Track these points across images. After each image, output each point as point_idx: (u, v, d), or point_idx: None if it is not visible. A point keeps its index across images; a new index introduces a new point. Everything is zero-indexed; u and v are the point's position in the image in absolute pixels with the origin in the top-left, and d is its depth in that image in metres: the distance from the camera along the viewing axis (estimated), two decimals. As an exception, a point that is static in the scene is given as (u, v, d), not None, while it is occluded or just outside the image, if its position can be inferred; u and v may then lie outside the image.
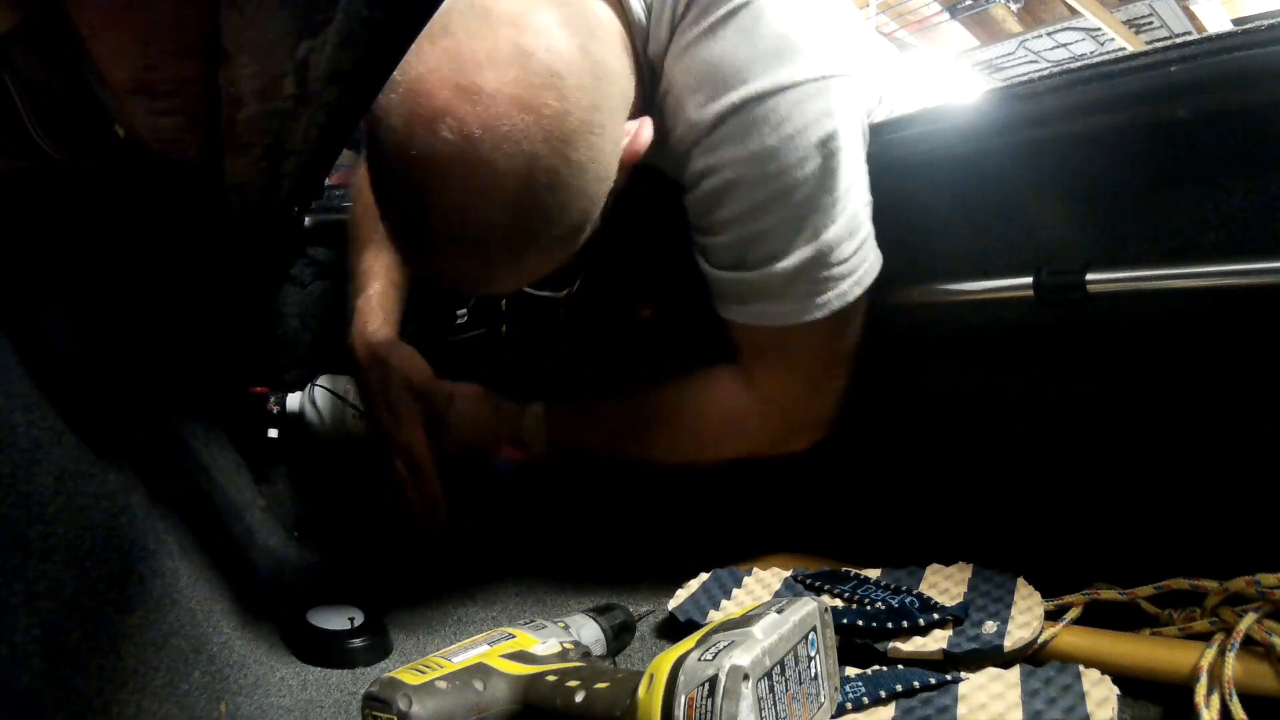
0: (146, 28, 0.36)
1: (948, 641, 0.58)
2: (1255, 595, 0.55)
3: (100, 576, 0.52)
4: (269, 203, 0.76)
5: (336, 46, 0.40)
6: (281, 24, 0.36)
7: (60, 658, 0.44)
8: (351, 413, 0.94)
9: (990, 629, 0.57)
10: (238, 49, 0.37)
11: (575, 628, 0.62)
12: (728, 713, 0.40)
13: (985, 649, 0.56)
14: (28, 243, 0.69)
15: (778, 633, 0.45)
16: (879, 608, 0.61)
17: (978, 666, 0.56)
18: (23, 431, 0.51)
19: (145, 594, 0.56)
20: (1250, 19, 0.61)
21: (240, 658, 0.63)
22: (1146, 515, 0.65)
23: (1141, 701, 0.55)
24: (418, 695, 0.49)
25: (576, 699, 0.48)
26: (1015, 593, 0.61)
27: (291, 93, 0.44)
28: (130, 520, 0.60)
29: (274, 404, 0.95)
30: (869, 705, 0.56)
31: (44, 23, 0.38)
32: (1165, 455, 0.65)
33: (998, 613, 0.59)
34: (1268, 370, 0.59)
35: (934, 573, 0.66)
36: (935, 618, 0.59)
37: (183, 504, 0.72)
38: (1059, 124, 0.57)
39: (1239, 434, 0.61)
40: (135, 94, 0.44)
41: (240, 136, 0.51)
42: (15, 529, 0.46)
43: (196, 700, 0.55)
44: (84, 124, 0.54)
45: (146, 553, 0.59)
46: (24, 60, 0.44)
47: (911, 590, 0.64)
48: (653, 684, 0.44)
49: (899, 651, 0.59)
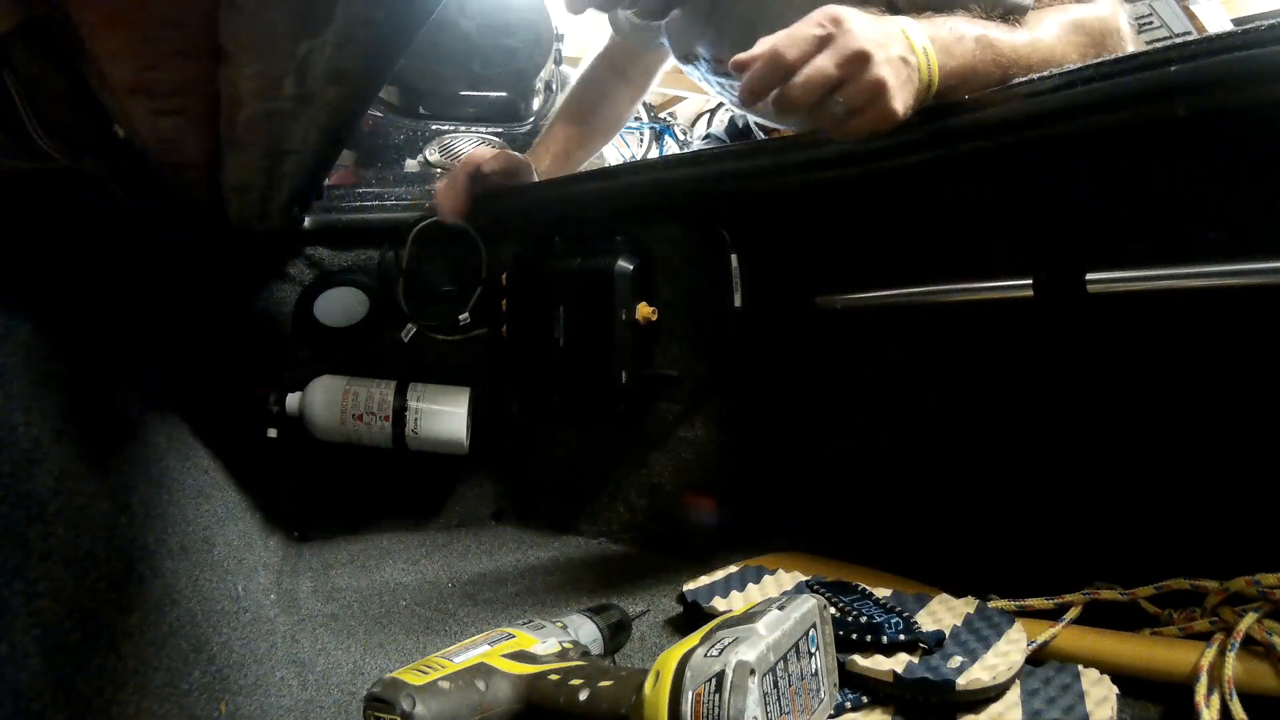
0: (146, 28, 0.36)
1: (904, 667, 0.55)
2: (1255, 595, 0.55)
3: (100, 576, 0.52)
4: (269, 203, 0.76)
5: (336, 46, 0.40)
6: (281, 24, 0.36)
7: (60, 658, 0.44)
8: (351, 412, 0.94)
9: (954, 664, 0.55)
10: (238, 49, 0.37)
11: (573, 627, 0.62)
12: (735, 707, 0.41)
13: (937, 681, 0.53)
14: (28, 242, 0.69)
15: (780, 629, 0.45)
16: (861, 620, 0.60)
17: (925, 699, 0.54)
18: (23, 431, 0.51)
19: (145, 594, 0.56)
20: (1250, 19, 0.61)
21: (240, 658, 0.63)
22: (1146, 515, 0.65)
23: (1141, 701, 0.55)
24: (421, 695, 0.49)
25: (580, 697, 0.48)
26: (1004, 636, 0.58)
27: (291, 93, 0.44)
28: (130, 520, 0.60)
29: (274, 404, 0.95)
30: (868, 705, 0.57)
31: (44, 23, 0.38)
32: (1165, 455, 0.65)
33: (972, 650, 0.56)
34: (1268, 370, 0.59)
35: (939, 602, 0.65)
36: (903, 640, 0.58)
37: (183, 504, 0.72)
38: (1059, 124, 0.57)
39: (1239, 434, 0.61)
40: (135, 94, 0.44)
41: (240, 136, 0.52)
42: (15, 529, 0.46)
43: (196, 700, 0.55)
44: (84, 124, 0.54)
45: (146, 553, 0.59)
46: (24, 60, 0.44)
47: (908, 613, 0.62)
48: (659, 680, 0.44)
49: (855, 665, 0.57)
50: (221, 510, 0.81)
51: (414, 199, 1.03)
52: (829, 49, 0.59)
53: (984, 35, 0.64)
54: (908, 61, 0.60)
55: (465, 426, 0.95)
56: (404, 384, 0.96)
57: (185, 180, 0.67)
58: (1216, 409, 0.62)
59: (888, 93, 0.58)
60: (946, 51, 0.62)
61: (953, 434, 0.79)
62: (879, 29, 0.60)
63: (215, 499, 0.81)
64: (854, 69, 0.58)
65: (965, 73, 0.63)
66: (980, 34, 0.64)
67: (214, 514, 0.78)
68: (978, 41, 0.64)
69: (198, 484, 0.78)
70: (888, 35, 0.60)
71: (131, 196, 0.76)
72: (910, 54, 0.60)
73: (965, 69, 0.63)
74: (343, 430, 0.95)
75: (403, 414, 0.94)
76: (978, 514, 0.76)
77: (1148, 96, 0.52)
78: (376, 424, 0.94)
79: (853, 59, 0.58)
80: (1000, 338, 0.73)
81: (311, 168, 0.70)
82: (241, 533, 0.84)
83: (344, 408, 0.94)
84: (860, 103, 0.59)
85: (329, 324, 1.01)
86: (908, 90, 0.60)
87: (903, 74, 0.59)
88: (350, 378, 0.97)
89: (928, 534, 0.78)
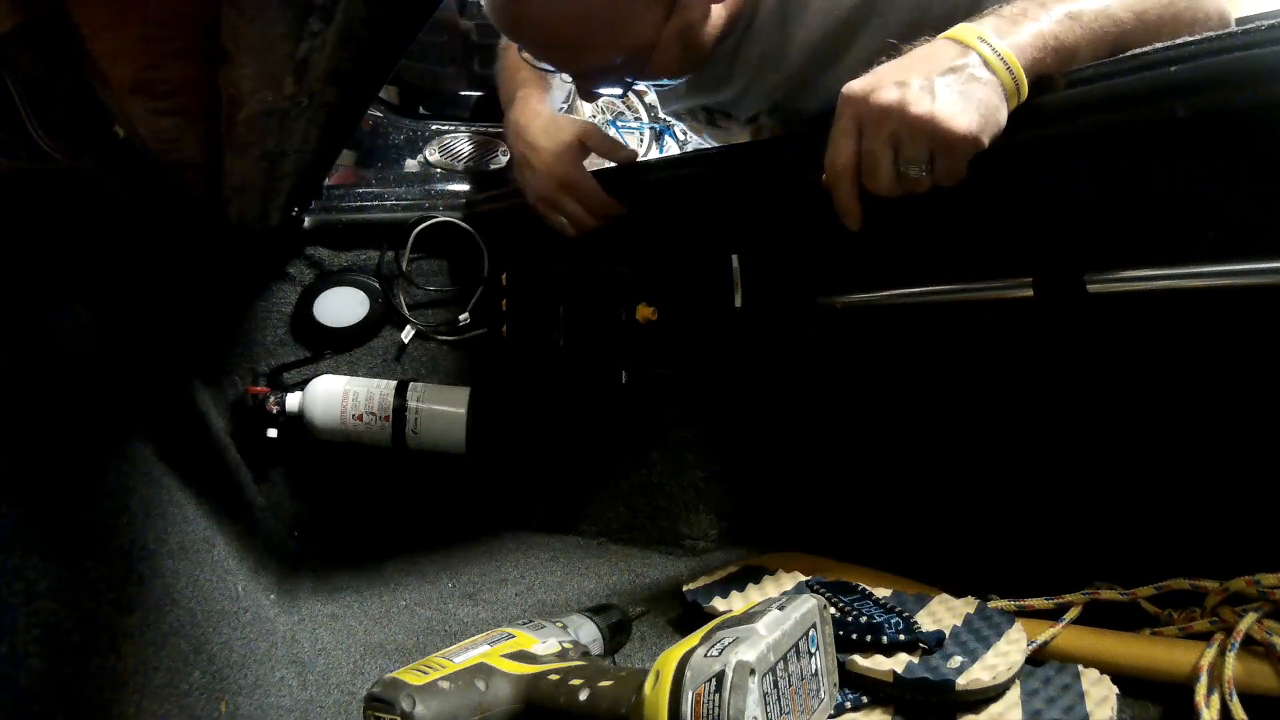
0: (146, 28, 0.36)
1: (904, 667, 0.55)
2: (1255, 595, 0.55)
3: (100, 576, 0.52)
4: (269, 203, 0.76)
5: (336, 46, 0.40)
6: (281, 24, 0.36)
7: (60, 658, 0.44)
8: (351, 413, 0.94)
9: (954, 664, 0.55)
10: (238, 49, 0.37)
11: (573, 627, 0.62)
12: (735, 707, 0.41)
13: (937, 681, 0.53)
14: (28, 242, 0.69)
15: (780, 629, 0.45)
16: (861, 620, 0.60)
17: (925, 699, 0.54)
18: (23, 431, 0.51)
19: (145, 594, 0.56)
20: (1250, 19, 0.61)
21: (240, 658, 0.63)
22: (1147, 515, 0.65)
23: (1141, 701, 0.55)
24: (421, 695, 0.49)
25: (580, 697, 0.48)
26: (1004, 636, 0.58)
27: (291, 93, 0.44)
28: (130, 520, 0.60)
29: (274, 404, 0.95)
30: (868, 705, 0.57)
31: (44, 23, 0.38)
32: (1166, 455, 0.65)
33: (972, 650, 0.56)
34: (1268, 370, 0.59)
35: (939, 602, 0.65)
36: (903, 640, 0.58)
37: (183, 504, 0.72)
38: (1059, 124, 0.57)
39: (1239, 434, 0.61)
40: (135, 94, 0.44)
41: (240, 136, 0.51)
42: (15, 529, 0.46)
43: (196, 700, 0.55)
44: (84, 124, 0.54)
45: (146, 553, 0.59)
46: (24, 60, 0.44)
47: (908, 613, 0.62)
48: (659, 680, 0.44)
49: (855, 665, 0.57)
50: (221, 510, 0.81)
51: (414, 199, 1.03)
52: (865, 130, 0.56)
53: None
54: (958, 69, 0.54)
55: (465, 426, 0.95)
56: (404, 384, 0.96)
57: (185, 180, 0.67)
58: (1216, 409, 0.62)
59: (939, 122, 0.52)
60: (1015, 25, 0.55)
61: (953, 434, 0.79)
62: (898, 70, 0.55)
63: (215, 499, 0.81)
64: (891, 128, 0.54)
65: (1051, 41, 0.55)
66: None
67: (214, 514, 0.78)
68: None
69: (198, 484, 0.78)
70: (907, 67, 0.55)
71: (131, 196, 0.76)
72: (962, 57, 0.54)
73: (1050, 38, 0.55)
74: (343, 430, 0.95)
75: (403, 414, 0.94)
76: (978, 514, 0.76)
77: (1148, 96, 0.52)
78: (376, 424, 0.94)
79: (879, 121, 0.54)
80: (1000, 338, 0.73)
81: (311, 168, 0.70)
82: (241, 533, 0.84)
83: (344, 408, 0.94)
84: (922, 153, 0.55)
85: (329, 324, 1.01)
86: (972, 99, 0.53)
87: (954, 87, 0.53)
88: (350, 378, 0.97)
89: (928, 534, 0.78)
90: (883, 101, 0.54)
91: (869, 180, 0.57)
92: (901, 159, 0.55)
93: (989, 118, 0.54)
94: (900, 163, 0.56)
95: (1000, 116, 0.55)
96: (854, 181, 0.58)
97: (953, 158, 0.54)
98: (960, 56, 0.54)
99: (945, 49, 0.55)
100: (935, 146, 0.54)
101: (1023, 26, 0.55)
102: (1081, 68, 0.56)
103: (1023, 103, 0.56)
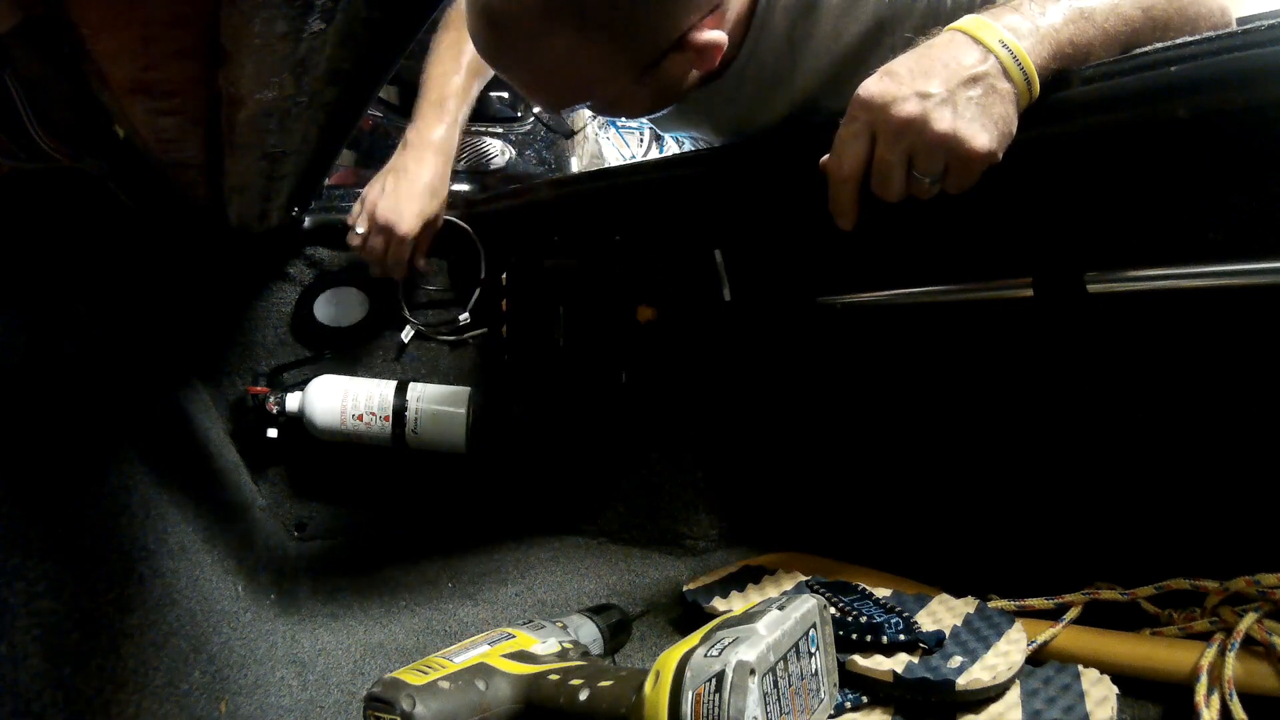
0: (146, 28, 0.36)
1: (904, 667, 0.55)
2: (1255, 595, 0.55)
3: (100, 576, 0.52)
4: (269, 203, 0.76)
5: (336, 46, 0.40)
6: (281, 24, 0.36)
7: (60, 658, 0.44)
8: (351, 412, 0.94)
9: (954, 664, 0.55)
10: (237, 49, 0.37)
11: (573, 627, 0.62)
12: (735, 707, 0.41)
13: (937, 681, 0.53)
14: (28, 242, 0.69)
15: (780, 629, 0.45)
16: (861, 620, 0.60)
17: (925, 699, 0.54)
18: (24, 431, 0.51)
19: (145, 594, 0.56)
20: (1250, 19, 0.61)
21: (240, 658, 0.63)
22: (1147, 515, 0.65)
23: (1141, 701, 0.55)
24: (421, 695, 0.49)
25: (580, 697, 0.48)
26: (1004, 636, 0.58)
27: (291, 93, 0.44)
28: (130, 520, 0.60)
29: (274, 404, 0.95)
30: (868, 705, 0.57)
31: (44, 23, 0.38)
32: (1166, 455, 0.65)
33: (972, 650, 0.56)
34: (1268, 370, 0.59)
35: (939, 602, 0.65)
36: (903, 640, 0.58)
37: (183, 504, 0.72)
38: (1059, 123, 0.57)
39: (1239, 434, 0.61)
40: (135, 94, 0.44)
41: (240, 136, 0.51)
42: (15, 529, 0.46)
43: (196, 700, 0.55)
44: (84, 124, 0.54)
45: (146, 553, 0.59)
46: (24, 60, 0.44)
47: (908, 613, 0.62)
48: (659, 680, 0.44)
49: (855, 665, 0.57)
50: (222, 510, 0.81)
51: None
52: (881, 140, 0.54)
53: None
54: (980, 78, 0.52)
55: (465, 426, 0.95)
56: (404, 384, 0.96)
57: (185, 180, 0.67)
58: (1216, 409, 0.62)
59: (961, 141, 0.51)
60: (1034, 25, 0.54)
61: (953, 434, 0.79)
62: (917, 74, 0.53)
63: (215, 499, 0.81)
64: (910, 141, 0.53)
65: (1068, 49, 0.54)
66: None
67: (214, 514, 0.78)
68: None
69: (198, 484, 0.78)
70: (927, 72, 0.53)
71: (131, 196, 0.76)
72: (983, 64, 0.52)
73: (1066, 43, 0.54)
74: (343, 430, 0.95)
75: (402, 414, 0.94)
76: (977, 514, 0.76)
77: (1148, 96, 0.52)
78: (376, 424, 0.94)
79: (899, 133, 0.53)
80: (1000, 338, 0.73)
81: (311, 168, 0.70)
82: (242, 533, 0.84)
83: (344, 408, 0.94)
84: (938, 167, 0.53)
85: (329, 324, 1.01)
86: (992, 114, 0.52)
87: (976, 101, 0.52)
88: (350, 378, 0.97)
89: (928, 534, 0.78)
90: (904, 114, 0.53)
91: (878, 188, 0.57)
92: (915, 170, 0.55)
93: (1006, 132, 0.53)
94: (913, 173, 0.55)
95: (1014, 127, 0.54)
96: (858, 185, 0.58)
97: (968, 172, 0.54)
98: (981, 63, 0.53)
99: (965, 50, 0.54)
100: (952, 161, 0.53)
101: (1041, 28, 0.54)
102: (1081, 68, 0.56)
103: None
